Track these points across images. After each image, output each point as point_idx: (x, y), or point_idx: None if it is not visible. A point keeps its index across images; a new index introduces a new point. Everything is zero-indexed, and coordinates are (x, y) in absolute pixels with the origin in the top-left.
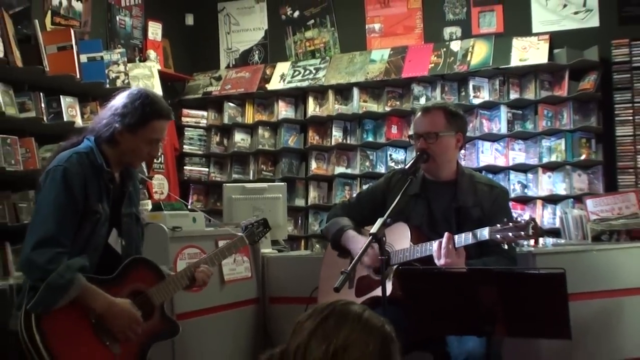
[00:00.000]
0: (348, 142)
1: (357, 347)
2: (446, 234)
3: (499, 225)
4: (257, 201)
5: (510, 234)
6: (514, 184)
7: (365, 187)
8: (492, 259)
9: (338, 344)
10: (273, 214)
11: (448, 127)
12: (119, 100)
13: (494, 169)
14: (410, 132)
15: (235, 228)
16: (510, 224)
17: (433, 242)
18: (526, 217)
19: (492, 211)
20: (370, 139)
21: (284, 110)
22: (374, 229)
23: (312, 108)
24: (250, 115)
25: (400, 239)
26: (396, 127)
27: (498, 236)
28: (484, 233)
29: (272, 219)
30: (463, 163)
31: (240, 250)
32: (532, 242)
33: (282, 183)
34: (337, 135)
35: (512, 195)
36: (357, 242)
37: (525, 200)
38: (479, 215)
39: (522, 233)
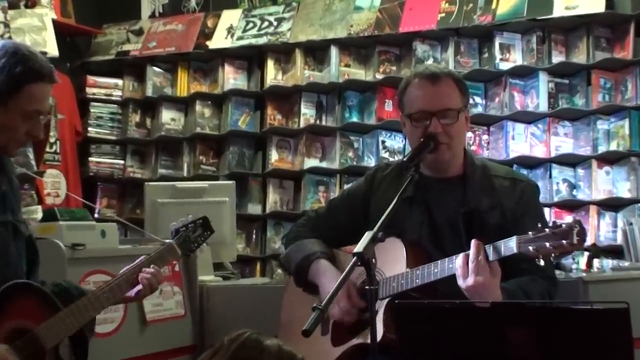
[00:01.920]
0: (323, 123)
1: None
2: (474, 242)
3: (530, 233)
4: (193, 207)
5: (547, 244)
6: (557, 183)
7: (345, 187)
8: (527, 281)
9: None
10: (216, 226)
11: (463, 102)
12: None
13: (530, 162)
14: (411, 110)
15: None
16: (547, 230)
17: (454, 257)
18: (568, 220)
19: (516, 214)
20: (354, 119)
21: (232, 79)
22: (359, 246)
23: (273, 75)
24: (184, 84)
25: (393, 261)
26: (391, 103)
27: (530, 248)
28: (511, 245)
29: (215, 232)
30: (486, 154)
31: (170, 263)
32: (583, 264)
33: (230, 182)
34: (307, 114)
35: (556, 198)
36: (332, 278)
37: (573, 206)
38: (498, 220)
39: (564, 242)
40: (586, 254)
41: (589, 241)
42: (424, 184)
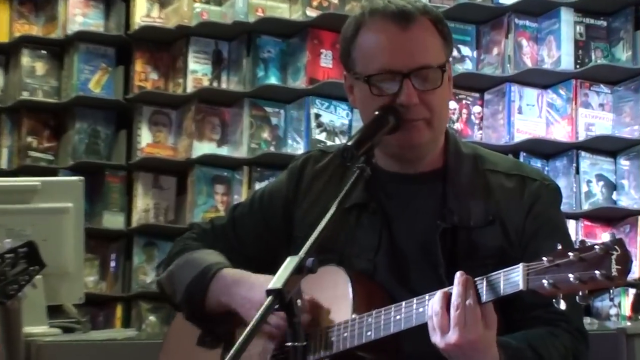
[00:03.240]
0: (223, 86)
1: None
2: (460, 276)
3: (545, 260)
4: (15, 218)
5: (570, 275)
6: (588, 182)
7: (258, 187)
8: (542, 335)
9: None
10: (53, 246)
11: (445, 54)
12: None
13: (547, 148)
14: (369, 70)
15: None
16: (570, 254)
17: (426, 296)
18: (605, 238)
19: (526, 230)
20: (272, 80)
21: (79, 15)
22: (276, 280)
23: (144, 11)
24: (4, 25)
25: (332, 302)
26: (330, 55)
27: (545, 282)
28: (515, 278)
29: (51, 256)
30: (478, 137)
31: None
32: (626, 308)
33: (75, 178)
34: (198, 72)
35: (586, 206)
36: (252, 287)
37: (612, 217)
38: (497, 241)
39: (597, 273)
40: (632, 292)
41: (635, 272)
42: (381, 185)
